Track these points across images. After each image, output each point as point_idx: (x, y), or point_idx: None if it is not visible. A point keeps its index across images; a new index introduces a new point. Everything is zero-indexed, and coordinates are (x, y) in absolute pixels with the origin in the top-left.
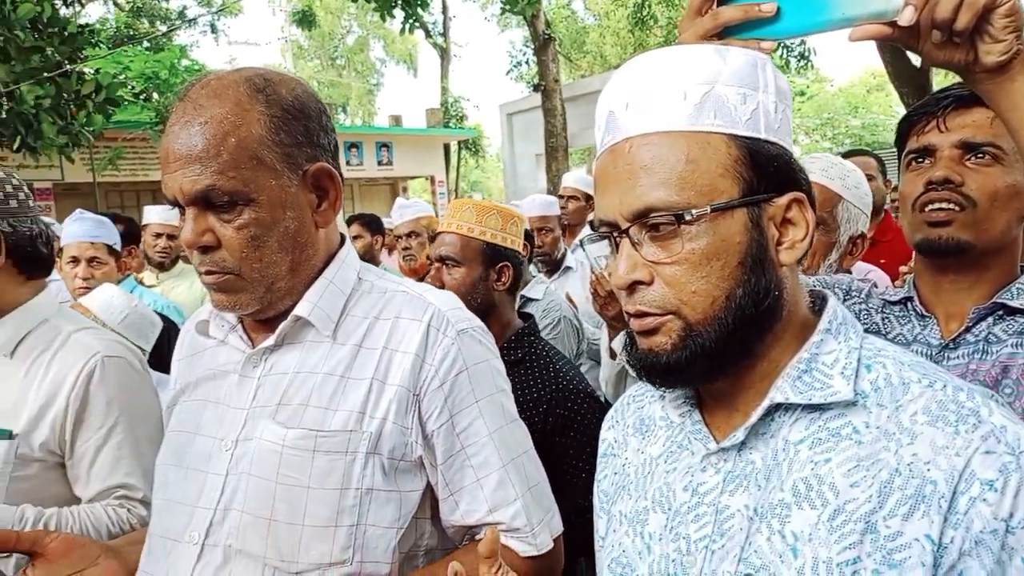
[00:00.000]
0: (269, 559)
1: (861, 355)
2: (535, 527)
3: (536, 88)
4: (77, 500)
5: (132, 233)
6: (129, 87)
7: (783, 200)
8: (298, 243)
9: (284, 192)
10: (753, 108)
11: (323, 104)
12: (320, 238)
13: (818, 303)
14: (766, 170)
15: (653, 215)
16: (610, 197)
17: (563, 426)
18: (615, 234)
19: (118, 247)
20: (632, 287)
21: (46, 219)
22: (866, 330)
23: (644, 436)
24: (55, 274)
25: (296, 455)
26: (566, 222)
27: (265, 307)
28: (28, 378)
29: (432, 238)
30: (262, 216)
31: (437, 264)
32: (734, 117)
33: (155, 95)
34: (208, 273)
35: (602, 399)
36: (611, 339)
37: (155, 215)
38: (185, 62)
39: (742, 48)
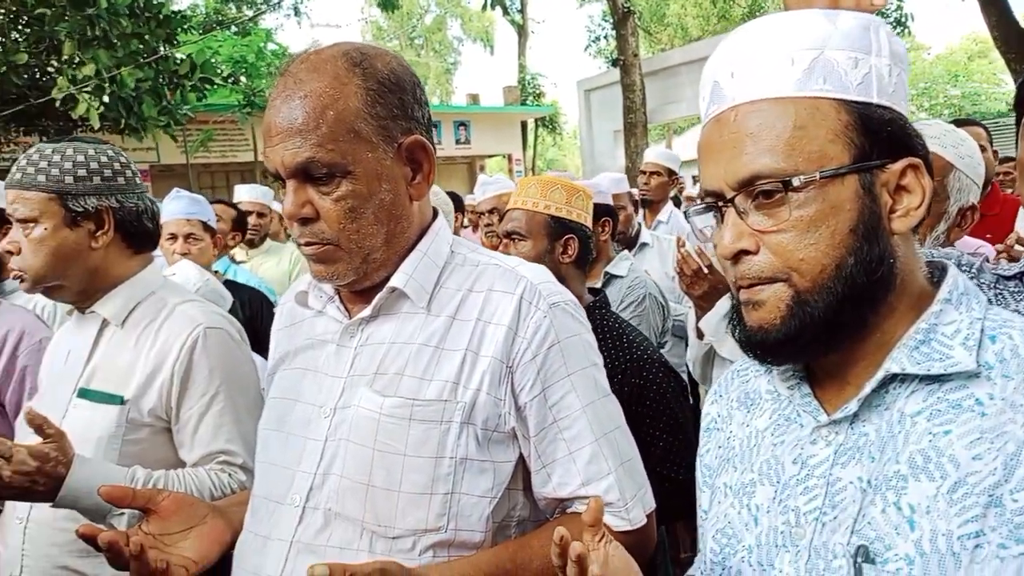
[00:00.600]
0: (367, 523)
1: (985, 326)
2: (628, 502)
3: (615, 63)
4: (182, 464)
5: (242, 221)
6: (219, 71)
7: (897, 166)
8: (393, 215)
9: (380, 164)
10: (865, 72)
11: (417, 78)
12: (414, 211)
13: (937, 274)
14: (879, 136)
15: (759, 183)
16: (715, 167)
17: (639, 395)
18: (720, 204)
19: (213, 223)
20: (737, 257)
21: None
22: None
23: (749, 409)
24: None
25: (393, 423)
26: (649, 198)
27: (361, 278)
28: (137, 347)
29: (501, 216)
30: (359, 188)
31: (505, 240)
32: (844, 82)
33: (242, 79)
34: (307, 244)
35: (685, 378)
36: (698, 319)
37: (244, 193)
38: (271, 46)
39: (853, 12)
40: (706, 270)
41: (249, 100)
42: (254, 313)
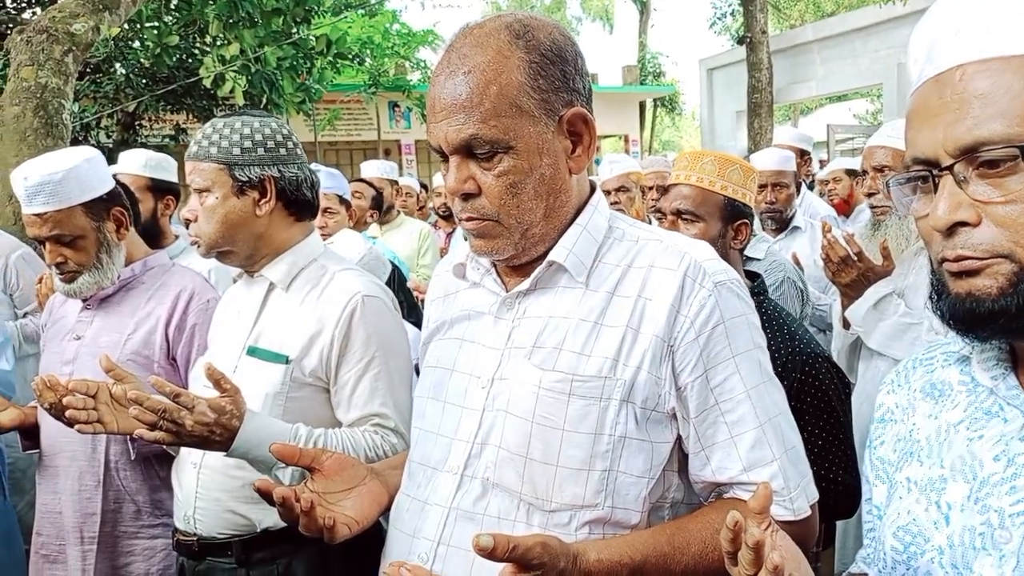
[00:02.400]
0: (524, 495)
1: None
2: (792, 491)
3: (740, 41)
4: (338, 423)
5: (378, 199)
6: (349, 49)
7: None
8: (552, 189)
9: (541, 138)
10: None
11: (578, 47)
12: (573, 184)
13: None
14: None
15: (986, 149)
16: (930, 131)
17: (799, 391)
18: (934, 172)
19: (348, 197)
20: (952, 229)
21: None
22: None
23: (937, 401)
24: None
25: (552, 397)
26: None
27: (519, 253)
28: (301, 310)
29: (664, 190)
30: (520, 163)
31: (671, 218)
32: None
33: (368, 59)
34: (468, 219)
35: None
36: (844, 308)
37: (372, 170)
38: (396, 26)
39: None
40: (855, 257)
41: (374, 80)
42: (394, 286)
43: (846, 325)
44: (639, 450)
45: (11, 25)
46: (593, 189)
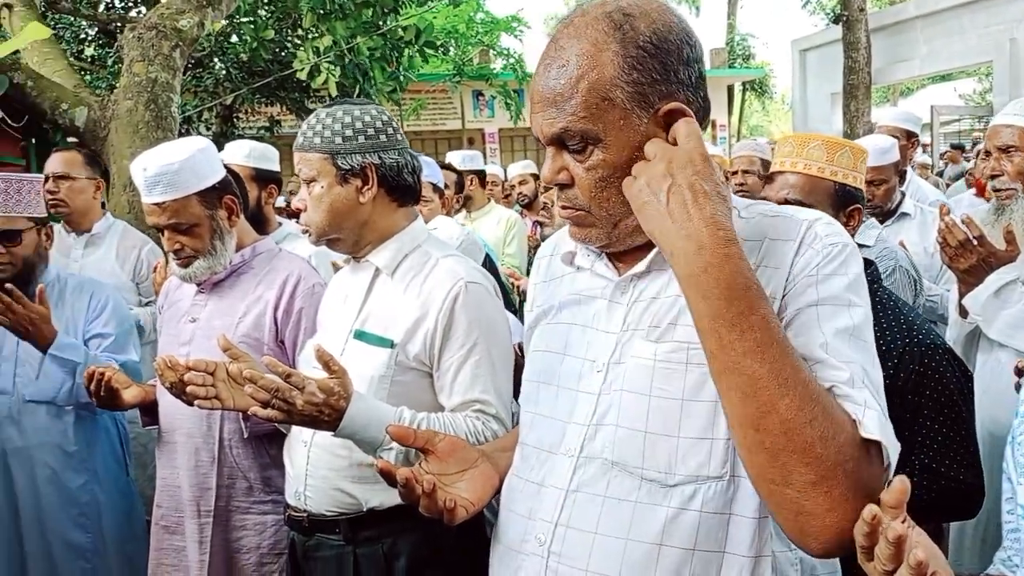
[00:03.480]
0: (646, 471)
1: None
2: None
3: (837, 19)
4: (441, 408)
5: (461, 183)
6: (436, 39)
7: None
8: None
9: (633, 132)
10: None
11: (687, 34)
12: None
13: None
14: None
15: None
16: None
17: (917, 384)
18: None
19: (441, 185)
20: None
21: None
22: None
23: None
24: None
25: (668, 368)
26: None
27: (614, 242)
28: (406, 295)
29: (766, 178)
30: (610, 157)
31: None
32: None
33: (452, 49)
34: (563, 208)
35: None
36: (961, 296)
37: (457, 160)
38: (479, 15)
39: None
40: (974, 241)
41: (459, 69)
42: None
43: (963, 314)
44: None
45: (120, 23)
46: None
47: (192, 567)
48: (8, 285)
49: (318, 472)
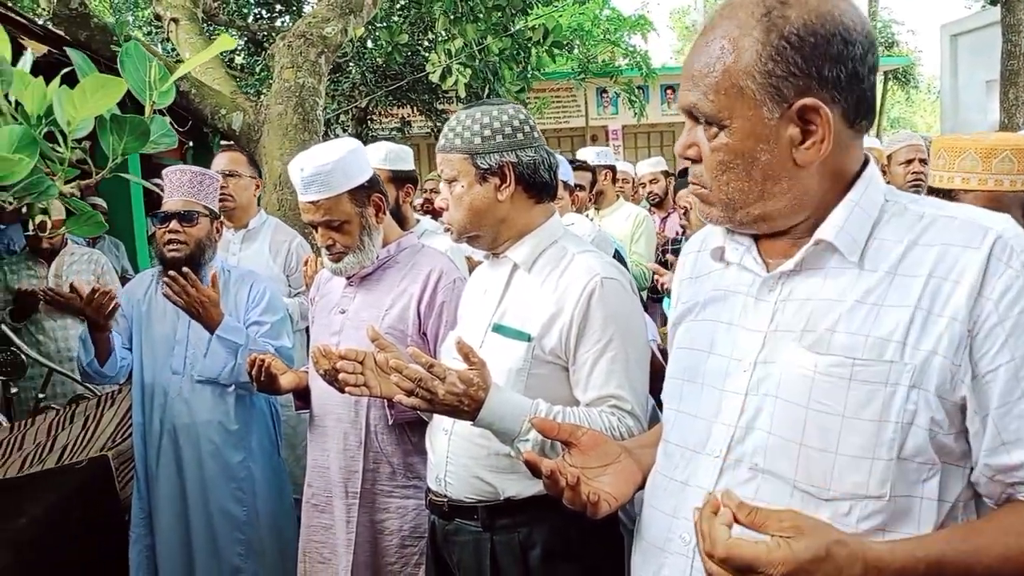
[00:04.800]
0: (799, 483)
1: None
2: None
3: (995, 1)
4: (576, 402)
5: (595, 179)
6: (564, 37)
7: None
8: (769, 176)
9: (760, 124)
10: None
11: (845, 29)
12: (802, 174)
13: None
14: None
15: None
16: None
17: None
18: None
19: (572, 182)
20: None
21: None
22: None
23: None
24: None
25: (830, 383)
26: None
27: (737, 225)
28: (542, 290)
29: (937, 191)
30: (733, 144)
31: None
32: None
33: (576, 47)
34: (692, 183)
35: None
36: None
37: (590, 156)
38: (606, 12)
39: None
40: None
41: (584, 67)
42: None
43: None
44: (926, 439)
45: (267, 33)
46: (866, 162)
47: (340, 545)
48: (185, 269)
49: (458, 460)
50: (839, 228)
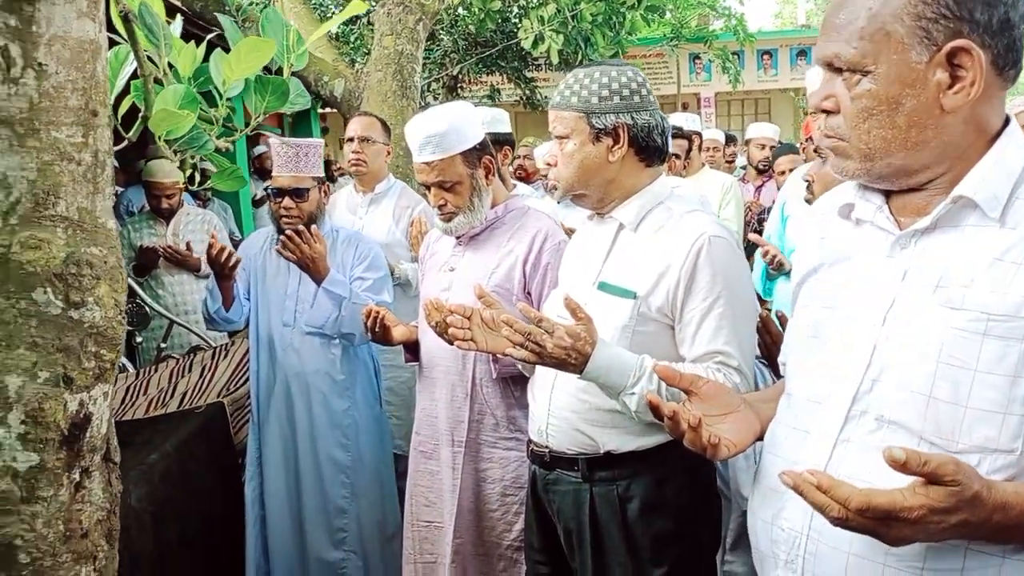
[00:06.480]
0: (925, 434)
1: None
2: None
3: None
4: (682, 359)
5: (690, 147)
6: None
7: None
8: (914, 122)
9: (908, 68)
10: None
11: None
12: (948, 121)
13: None
14: None
15: None
16: None
17: None
18: None
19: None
20: None
21: None
22: None
23: None
24: None
25: (963, 337)
26: None
27: (874, 180)
28: (648, 249)
29: None
30: (877, 89)
31: None
32: None
33: (668, 12)
34: (826, 136)
35: None
36: None
37: (682, 122)
38: None
39: None
40: None
41: (676, 32)
42: None
43: None
44: None
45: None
46: (1007, 121)
47: (445, 490)
48: (300, 227)
49: (561, 413)
50: (981, 184)
